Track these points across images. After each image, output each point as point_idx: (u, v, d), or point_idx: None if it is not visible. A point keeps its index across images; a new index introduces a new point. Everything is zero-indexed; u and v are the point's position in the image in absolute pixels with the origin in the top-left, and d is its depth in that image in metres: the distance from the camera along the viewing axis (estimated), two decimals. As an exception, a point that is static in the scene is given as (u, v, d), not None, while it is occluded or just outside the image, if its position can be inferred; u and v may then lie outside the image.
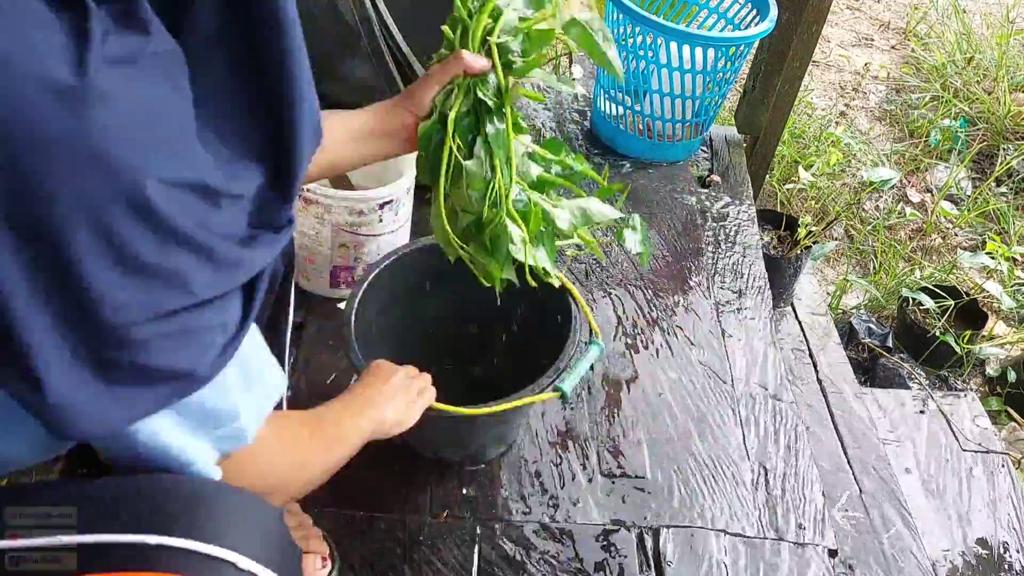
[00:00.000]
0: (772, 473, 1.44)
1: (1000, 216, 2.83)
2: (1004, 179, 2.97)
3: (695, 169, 2.14)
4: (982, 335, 2.35)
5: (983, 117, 3.13)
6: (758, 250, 1.93)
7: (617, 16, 1.91)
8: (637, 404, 1.50)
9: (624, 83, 1.98)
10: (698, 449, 1.44)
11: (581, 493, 1.34)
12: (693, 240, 1.88)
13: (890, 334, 2.36)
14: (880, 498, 1.63)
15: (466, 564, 1.22)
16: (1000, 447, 1.90)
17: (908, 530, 1.58)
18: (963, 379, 2.31)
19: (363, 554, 1.22)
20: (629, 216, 1.18)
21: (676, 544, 1.30)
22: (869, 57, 3.62)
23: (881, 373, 2.25)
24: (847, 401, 1.84)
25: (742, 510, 1.36)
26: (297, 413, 0.91)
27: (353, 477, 1.30)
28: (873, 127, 3.24)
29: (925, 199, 2.94)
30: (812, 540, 1.35)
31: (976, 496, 1.77)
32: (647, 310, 1.69)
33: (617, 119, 2.06)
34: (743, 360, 1.64)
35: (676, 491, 1.37)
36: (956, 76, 3.32)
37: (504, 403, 1.11)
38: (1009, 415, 2.20)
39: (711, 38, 1.86)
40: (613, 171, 2.04)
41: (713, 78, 1.93)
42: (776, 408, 1.55)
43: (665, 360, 1.59)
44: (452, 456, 1.31)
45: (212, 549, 0.64)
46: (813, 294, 2.22)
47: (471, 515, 1.29)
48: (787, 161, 2.81)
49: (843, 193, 2.82)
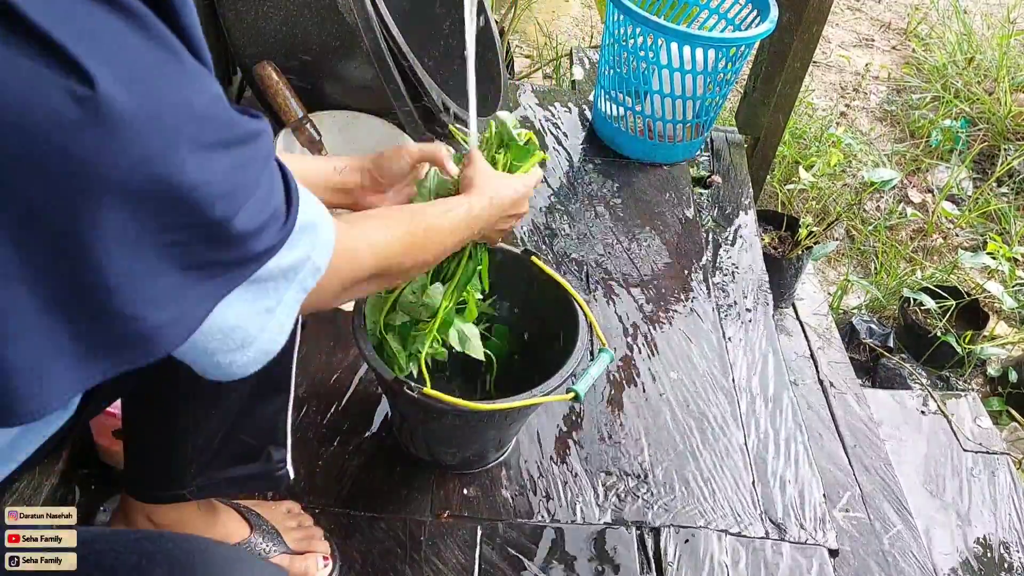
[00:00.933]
0: (773, 473, 1.44)
1: (1001, 216, 2.83)
2: (1005, 179, 2.97)
3: (696, 170, 2.15)
4: (983, 335, 2.35)
5: (984, 117, 3.13)
6: (759, 251, 1.93)
7: (617, 16, 1.91)
8: (637, 404, 1.50)
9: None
10: (699, 449, 1.44)
11: (582, 493, 1.34)
12: (694, 241, 1.88)
13: (891, 334, 2.35)
14: (881, 498, 1.63)
15: (467, 564, 1.22)
16: (1001, 447, 1.90)
17: (909, 530, 1.58)
18: (964, 379, 2.31)
19: (364, 554, 1.22)
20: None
21: (677, 544, 1.30)
22: (870, 58, 3.62)
23: (882, 373, 2.25)
24: (848, 401, 1.84)
25: (743, 510, 1.36)
26: (387, 207, 0.93)
27: (354, 477, 1.31)
28: (874, 127, 3.24)
29: (926, 199, 2.94)
30: (813, 540, 1.34)
31: (977, 496, 1.77)
32: (648, 310, 1.69)
33: (618, 120, 2.06)
34: (744, 360, 1.64)
35: (677, 491, 1.37)
36: (957, 77, 3.32)
37: (517, 400, 1.11)
38: (1010, 415, 2.19)
39: (712, 39, 1.86)
40: (613, 171, 2.05)
41: (714, 79, 1.93)
42: (777, 408, 1.55)
43: (665, 360, 1.59)
44: (450, 460, 1.31)
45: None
46: (814, 294, 2.22)
47: (472, 515, 1.29)
48: (788, 162, 2.81)
49: (844, 193, 2.82)
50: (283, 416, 1.07)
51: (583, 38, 3.34)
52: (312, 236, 0.67)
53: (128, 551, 0.64)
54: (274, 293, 0.65)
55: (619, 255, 1.80)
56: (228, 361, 0.64)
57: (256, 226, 0.59)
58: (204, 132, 0.53)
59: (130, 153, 0.48)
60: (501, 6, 2.84)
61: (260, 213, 0.59)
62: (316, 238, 0.68)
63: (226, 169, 0.55)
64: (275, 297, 0.65)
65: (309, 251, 0.67)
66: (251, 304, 0.63)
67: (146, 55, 0.50)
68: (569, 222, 1.87)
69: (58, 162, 0.46)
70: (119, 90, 0.47)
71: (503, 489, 1.32)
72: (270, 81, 1.47)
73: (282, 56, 1.52)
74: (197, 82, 0.53)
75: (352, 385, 1.43)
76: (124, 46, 0.49)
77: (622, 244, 1.83)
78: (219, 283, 0.58)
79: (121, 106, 0.47)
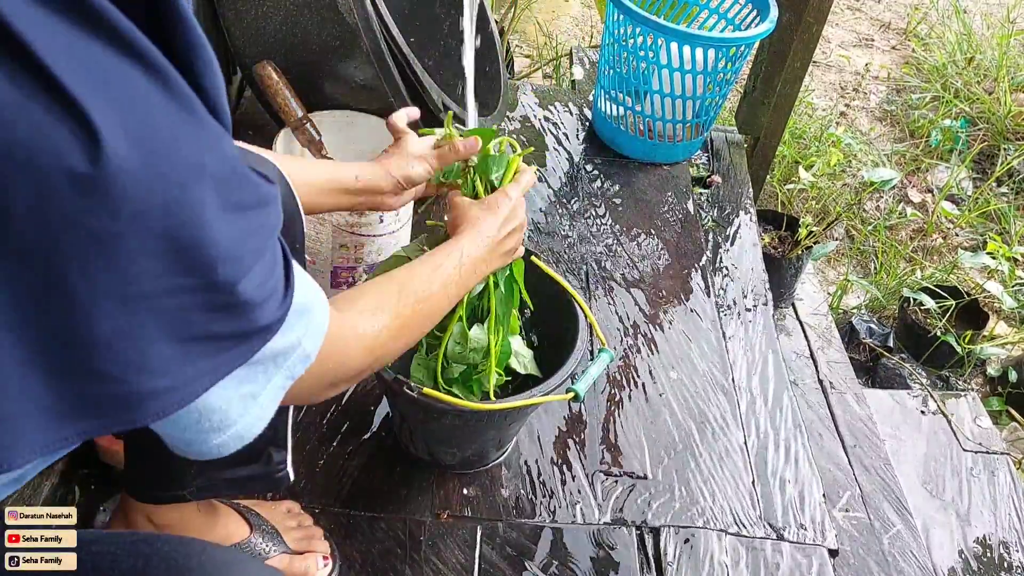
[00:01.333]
0: (772, 473, 1.44)
1: (1001, 216, 2.83)
2: (1005, 179, 2.97)
3: (695, 170, 2.15)
4: (983, 335, 2.35)
5: (984, 117, 3.13)
6: (759, 250, 1.93)
7: (617, 16, 1.91)
8: (637, 404, 1.50)
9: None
10: (698, 449, 1.44)
11: (581, 493, 1.34)
12: (693, 240, 1.88)
13: (891, 334, 2.35)
14: (880, 498, 1.63)
15: (467, 564, 1.22)
16: (1001, 447, 1.90)
17: (908, 530, 1.58)
18: (964, 379, 2.31)
19: (364, 554, 1.22)
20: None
21: (676, 544, 1.30)
22: (869, 57, 3.62)
23: (882, 373, 2.25)
24: (848, 401, 1.84)
25: (743, 510, 1.36)
26: (373, 281, 0.89)
27: (354, 477, 1.31)
28: (874, 127, 3.24)
29: (926, 199, 2.94)
30: (813, 540, 1.35)
31: (977, 496, 1.77)
32: (648, 310, 1.69)
33: (617, 119, 2.06)
34: (744, 360, 1.64)
35: (676, 491, 1.37)
36: (957, 76, 3.32)
37: (517, 400, 1.11)
38: (1010, 415, 2.19)
39: (711, 39, 1.86)
40: (613, 171, 2.05)
41: (713, 79, 1.93)
42: (776, 408, 1.55)
43: (665, 360, 1.59)
44: (449, 460, 1.31)
45: None
46: (814, 294, 2.22)
47: (472, 515, 1.29)
48: (788, 161, 2.81)
49: (844, 193, 2.82)
50: (283, 417, 1.08)
51: (583, 38, 3.34)
52: (306, 320, 0.65)
53: (125, 554, 0.63)
54: (262, 377, 0.62)
55: (619, 255, 1.80)
56: (200, 440, 0.62)
57: (261, 297, 0.56)
58: (216, 192, 0.51)
59: (128, 208, 0.47)
60: (501, 6, 2.84)
61: (265, 283, 0.57)
62: (310, 322, 0.66)
63: (237, 232, 0.53)
64: (262, 382, 0.63)
65: (301, 336, 0.64)
66: (236, 387, 0.61)
67: (162, 111, 0.49)
68: (569, 222, 1.87)
69: (56, 210, 0.45)
70: (125, 145, 0.46)
71: (503, 489, 1.32)
72: (270, 81, 1.47)
73: (282, 56, 1.52)
74: (214, 141, 0.52)
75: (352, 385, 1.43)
76: (139, 100, 0.48)
77: (622, 244, 1.83)
78: (222, 359, 0.56)
79: (124, 161, 0.46)
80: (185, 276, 0.50)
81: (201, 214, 0.50)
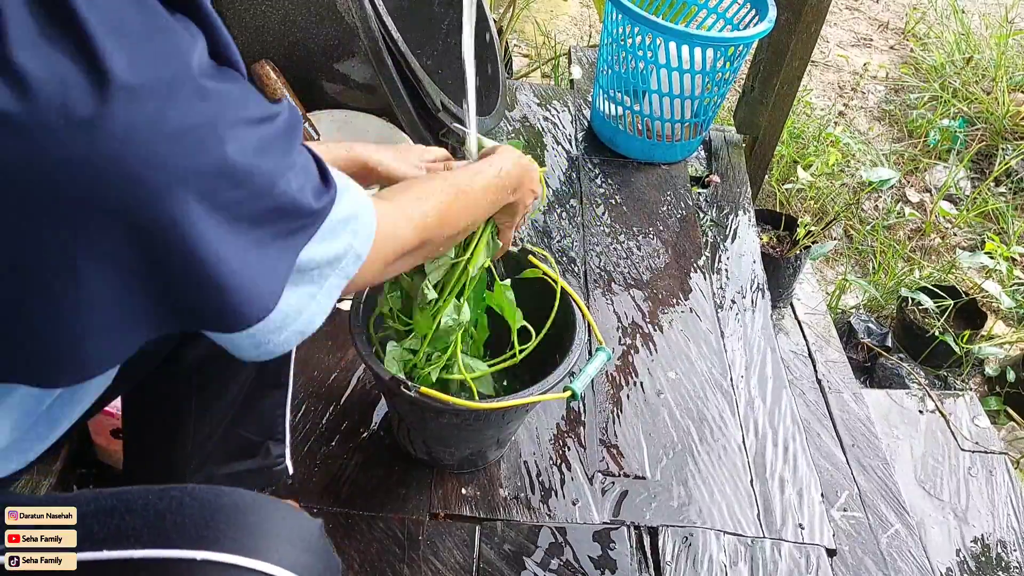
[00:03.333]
0: (771, 473, 1.44)
1: (999, 216, 2.83)
2: (1003, 179, 2.97)
3: (694, 169, 2.15)
4: (981, 335, 2.35)
5: (982, 117, 3.13)
6: (757, 250, 1.93)
7: (617, 16, 1.91)
8: (636, 404, 1.50)
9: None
10: (697, 449, 1.44)
11: (580, 492, 1.34)
12: (692, 240, 1.88)
13: (889, 334, 2.36)
14: (879, 498, 1.63)
15: (466, 564, 1.22)
16: (999, 447, 1.90)
17: (906, 529, 1.58)
18: (962, 379, 2.32)
19: (362, 553, 1.22)
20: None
21: (675, 543, 1.30)
22: (868, 57, 3.62)
23: (880, 373, 2.25)
24: (846, 401, 1.84)
25: (741, 510, 1.37)
26: (418, 178, 0.97)
27: (353, 477, 1.31)
28: (872, 127, 3.24)
29: (924, 199, 2.94)
30: (811, 540, 1.35)
31: (975, 496, 1.77)
32: (646, 309, 1.69)
33: (616, 119, 2.06)
34: (742, 360, 1.64)
35: (675, 491, 1.37)
36: (955, 76, 3.32)
37: (514, 399, 1.11)
38: (1008, 415, 2.20)
39: (710, 38, 1.86)
40: (612, 171, 2.05)
41: (712, 78, 1.93)
42: (775, 408, 1.56)
43: (665, 360, 1.59)
44: (448, 459, 1.31)
45: (260, 564, 0.64)
46: (812, 294, 2.22)
47: (470, 514, 1.29)
48: (786, 161, 2.81)
49: (842, 193, 2.82)
50: (282, 411, 1.08)
51: (581, 37, 3.34)
52: (354, 226, 0.70)
53: (156, 498, 0.66)
54: (319, 280, 0.68)
55: (618, 254, 1.81)
56: (267, 340, 0.66)
57: (303, 195, 0.63)
58: (239, 112, 0.57)
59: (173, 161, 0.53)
60: (499, 5, 2.84)
61: (304, 187, 0.63)
62: (358, 227, 0.71)
63: (253, 144, 0.58)
64: (319, 284, 0.68)
65: (351, 240, 0.70)
66: (294, 290, 0.66)
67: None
68: (568, 221, 1.87)
69: (128, 164, 0.52)
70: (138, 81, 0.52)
71: (501, 488, 1.33)
72: (268, 80, 1.47)
73: (281, 55, 1.52)
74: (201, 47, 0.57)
75: (350, 385, 1.43)
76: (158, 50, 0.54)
77: (621, 243, 1.83)
78: (289, 243, 0.63)
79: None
80: (234, 189, 0.57)
81: (222, 143, 0.56)
